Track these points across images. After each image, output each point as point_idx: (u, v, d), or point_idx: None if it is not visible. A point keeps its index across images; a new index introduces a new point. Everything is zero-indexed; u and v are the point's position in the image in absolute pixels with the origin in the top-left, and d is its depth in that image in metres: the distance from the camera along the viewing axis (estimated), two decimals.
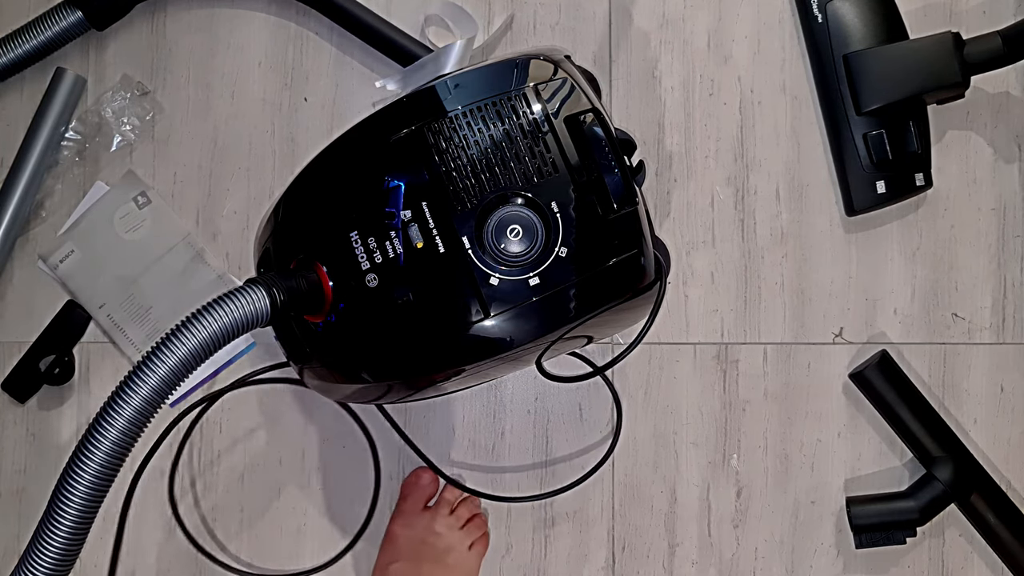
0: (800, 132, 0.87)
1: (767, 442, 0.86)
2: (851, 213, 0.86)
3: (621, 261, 0.62)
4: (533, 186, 0.61)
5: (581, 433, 0.86)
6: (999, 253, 0.87)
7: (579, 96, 0.64)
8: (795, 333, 0.86)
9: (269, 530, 0.86)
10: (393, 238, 0.61)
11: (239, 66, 0.88)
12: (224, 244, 0.87)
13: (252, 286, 0.59)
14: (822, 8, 0.85)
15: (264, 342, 0.86)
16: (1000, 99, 0.87)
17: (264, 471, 0.86)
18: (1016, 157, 0.87)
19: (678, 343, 0.86)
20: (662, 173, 0.87)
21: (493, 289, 0.60)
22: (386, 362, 0.64)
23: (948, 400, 0.86)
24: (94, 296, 0.86)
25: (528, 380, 0.87)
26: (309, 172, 0.68)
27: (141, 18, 0.88)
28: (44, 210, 0.87)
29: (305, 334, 0.65)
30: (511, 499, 0.85)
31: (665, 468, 0.86)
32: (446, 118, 0.62)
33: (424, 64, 0.83)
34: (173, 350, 0.56)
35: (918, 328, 0.87)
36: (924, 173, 0.84)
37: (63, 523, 0.54)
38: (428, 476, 0.84)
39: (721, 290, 0.87)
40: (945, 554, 0.86)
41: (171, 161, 0.88)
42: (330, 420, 0.86)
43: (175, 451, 0.86)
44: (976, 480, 0.83)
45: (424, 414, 0.86)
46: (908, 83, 0.82)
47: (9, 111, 0.88)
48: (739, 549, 0.86)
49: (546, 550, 0.86)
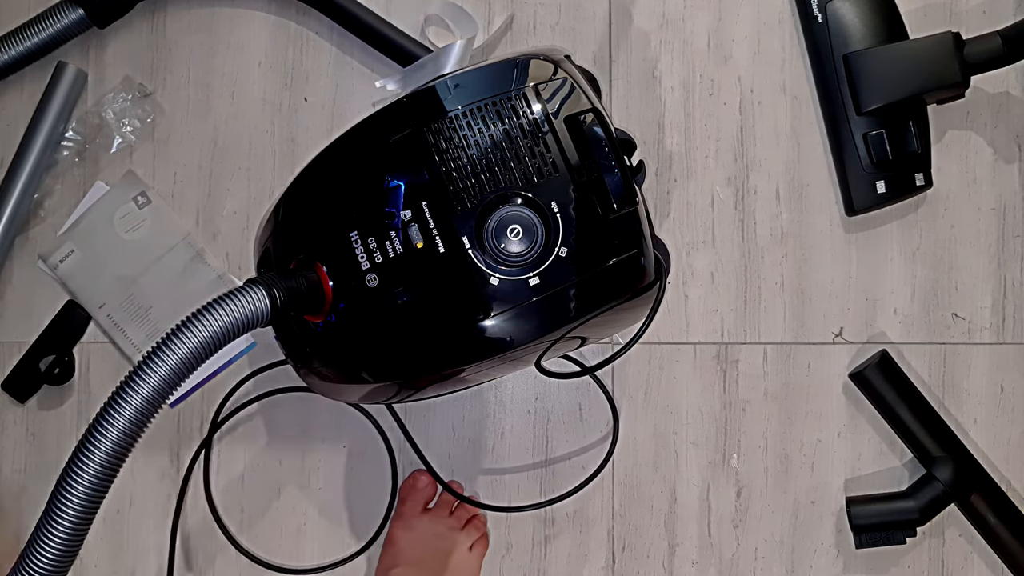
0: (800, 132, 0.87)
1: (767, 442, 0.86)
2: (851, 213, 0.86)
3: (621, 261, 0.62)
4: (533, 186, 0.61)
5: (581, 433, 0.86)
6: (999, 253, 0.87)
7: (579, 96, 0.64)
8: (795, 333, 0.86)
9: (269, 530, 0.86)
10: (393, 238, 0.61)
11: (239, 66, 0.88)
12: (224, 244, 0.87)
13: (252, 286, 0.59)
14: (822, 8, 0.85)
15: (264, 342, 0.86)
16: (1000, 99, 0.87)
17: (264, 471, 0.86)
18: (1016, 157, 0.87)
19: (678, 343, 0.86)
20: (662, 173, 0.87)
21: (493, 289, 0.60)
22: (386, 362, 0.64)
23: (948, 400, 0.86)
24: (94, 296, 0.86)
25: (528, 380, 0.87)
26: (309, 172, 0.68)
27: (141, 18, 0.88)
28: (44, 210, 0.87)
29: (305, 334, 0.65)
30: (509, 509, 0.85)
31: (665, 468, 0.86)
32: (446, 118, 0.62)
33: (424, 64, 0.83)
34: (173, 350, 0.56)
35: (918, 328, 0.87)
36: (924, 173, 0.84)
37: (62, 523, 0.54)
38: (426, 478, 0.84)
39: (721, 290, 0.87)
40: (945, 554, 0.86)
41: (171, 161, 0.88)
42: (330, 420, 0.86)
43: (208, 438, 0.86)
44: (976, 480, 0.83)
45: (424, 414, 0.86)
46: (908, 83, 0.82)
47: (9, 110, 0.88)
48: (739, 549, 0.86)
49: (546, 550, 0.86)
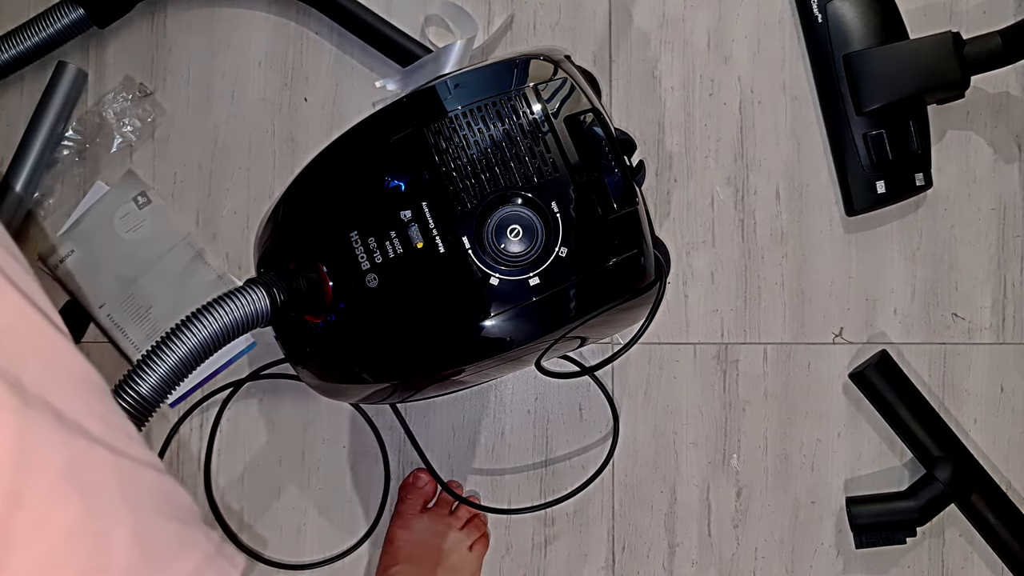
0: (800, 132, 0.87)
1: (767, 442, 0.86)
2: (851, 213, 0.86)
3: (621, 261, 0.62)
4: (533, 186, 0.61)
5: (581, 433, 0.86)
6: (999, 253, 0.87)
7: (579, 96, 0.64)
8: (795, 333, 0.86)
9: (269, 529, 0.86)
10: (393, 238, 0.61)
11: (239, 66, 0.88)
12: (224, 244, 0.87)
13: (252, 286, 0.59)
14: (822, 8, 0.85)
15: (264, 342, 0.86)
16: (1000, 99, 0.87)
17: (264, 471, 0.86)
18: (1016, 157, 0.87)
19: (678, 343, 0.86)
20: (662, 173, 0.87)
21: (493, 289, 0.60)
22: (386, 362, 0.64)
23: (948, 400, 0.86)
24: (94, 296, 0.86)
25: (528, 380, 0.87)
26: (309, 172, 0.68)
27: (141, 18, 0.88)
28: (44, 210, 0.87)
29: (305, 334, 0.65)
30: (509, 511, 0.85)
31: (665, 468, 0.86)
32: (446, 118, 0.62)
33: (424, 64, 0.83)
34: (173, 350, 0.56)
35: (918, 328, 0.87)
36: (924, 173, 0.84)
37: None
38: (426, 477, 0.84)
39: (721, 290, 0.87)
40: (945, 554, 0.86)
41: (171, 161, 0.88)
42: (330, 420, 0.86)
43: (207, 441, 0.86)
44: (976, 480, 0.83)
45: (424, 414, 0.86)
46: (908, 83, 0.82)
47: (9, 110, 0.88)
48: (739, 549, 0.86)
49: (546, 550, 0.86)
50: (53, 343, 0.33)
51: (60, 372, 0.33)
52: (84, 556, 0.30)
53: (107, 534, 0.31)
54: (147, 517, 0.32)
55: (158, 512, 0.33)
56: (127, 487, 0.32)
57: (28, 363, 0.31)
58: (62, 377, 0.33)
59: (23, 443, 0.29)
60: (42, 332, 0.33)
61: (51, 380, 0.32)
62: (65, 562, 0.29)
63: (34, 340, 0.32)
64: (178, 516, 0.34)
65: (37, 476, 0.29)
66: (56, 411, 0.31)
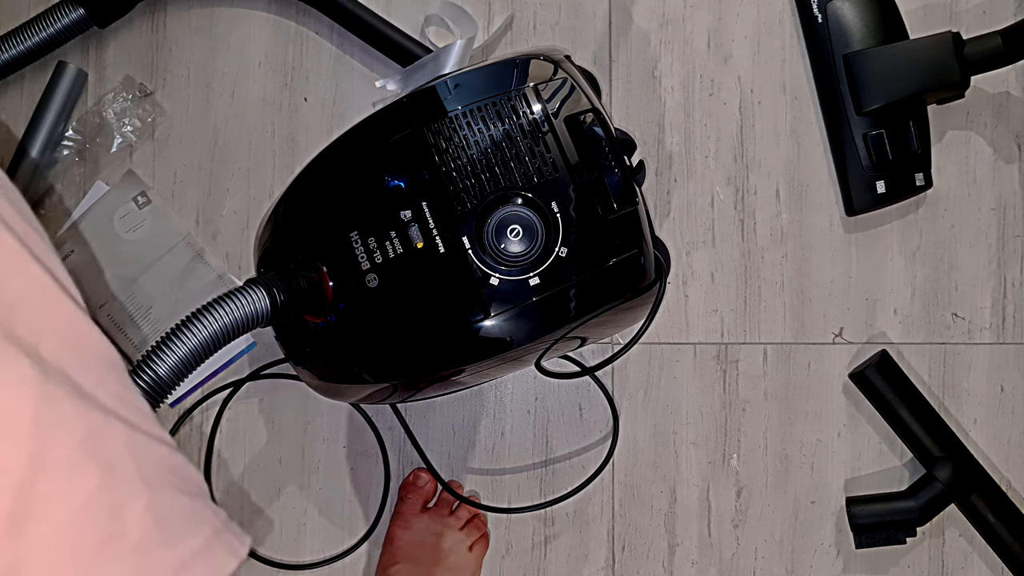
0: (800, 132, 0.87)
1: (767, 442, 0.86)
2: (851, 213, 0.86)
3: (621, 261, 0.62)
4: (533, 186, 0.61)
5: (581, 433, 0.86)
6: (999, 253, 0.87)
7: (579, 96, 0.64)
8: (795, 333, 0.86)
9: (269, 529, 0.86)
10: (393, 238, 0.61)
11: (239, 66, 0.88)
12: (224, 244, 0.87)
13: (252, 286, 0.59)
14: (822, 8, 0.85)
15: (264, 342, 0.86)
16: (1000, 99, 0.87)
17: (264, 471, 0.86)
18: (1016, 157, 0.87)
19: (678, 343, 0.86)
20: (662, 173, 0.87)
21: (493, 289, 0.60)
22: (386, 362, 0.64)
23: (948, 400, 0.86)
24: (94, 296, 0.86)
25: (528, 380, 0.87)
26: (309, 172, 0.68)
27: (141, 18, 0.88)
28: (44, 210, 0.87)
29: (305, 334, 0.65)
30: (509, 510, 0.85)
31: (665, 468, 0.86)
32: (446, 118, 0.62)
33: (424, 64, 0.83)
34: (173, 350, 0.56)
35: (918, 328, 0.87)
36: (924, 173, 0.84)
37: None
38: (426, 477, 0.84)
39: (721, 290, 0.87)
40: (945, 554, 0.86)
41: (171, 161, 0.88)
42: (330, 420, 0.86)
43: (207, 440, 0.86)
44: (976, 480, 0.83)
45: (424, 414, 0.86)
46: (908, 83, 0.82)
47: (9, 110, 0.88)
48: (739, 549, 0.86)
49: (546, 550, 0.86)
50: (72, 318, 0.34)
51: (78, 346, 0.33)
52: (100, 525, 0.31)
53: (122, 505, 0.31)
54: (160, 490, 0.33)
55: (170, 486, 0.34)
56: (141, 461, 0.33)
57: (47, 335, 0.32)
58: (80, 351, 0.33)
59: (43, 414, 0.30)
60: (62, 306, 0.34)
61: (69, 353, 0.32)
62: (83, 530, 0.30)
63: (54, 313, 0.33)
64: (189, 491, 0.35)
65: (56, 447, 0.30)
66: (74, 384, 0.32)
